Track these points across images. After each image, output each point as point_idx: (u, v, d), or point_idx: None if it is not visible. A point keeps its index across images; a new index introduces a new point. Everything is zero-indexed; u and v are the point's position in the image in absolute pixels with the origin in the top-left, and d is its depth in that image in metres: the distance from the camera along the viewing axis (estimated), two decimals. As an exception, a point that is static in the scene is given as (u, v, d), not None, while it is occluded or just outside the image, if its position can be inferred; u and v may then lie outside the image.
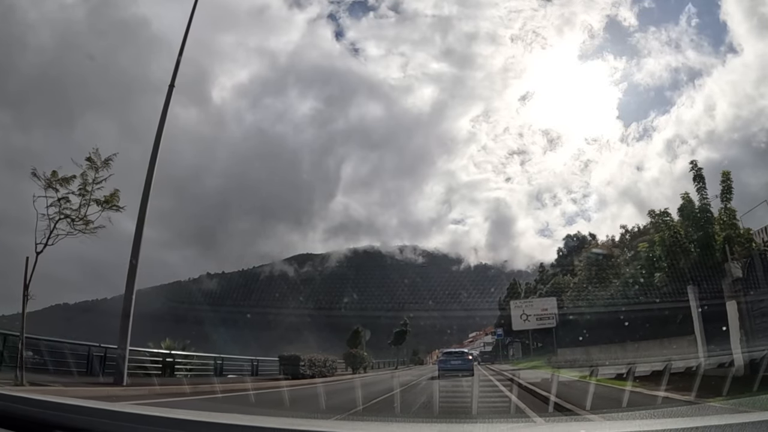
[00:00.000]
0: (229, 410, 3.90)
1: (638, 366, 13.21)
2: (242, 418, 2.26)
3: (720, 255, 12.53)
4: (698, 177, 14.67)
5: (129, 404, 3.33)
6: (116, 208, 9.89)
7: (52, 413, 1.93)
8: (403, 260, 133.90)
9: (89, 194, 9.63)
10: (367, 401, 10.10)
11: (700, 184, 14.56)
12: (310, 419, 3.14)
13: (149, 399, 8.98)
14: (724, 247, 12.41)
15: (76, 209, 9.55)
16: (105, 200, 9.80)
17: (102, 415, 1.95)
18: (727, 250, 12.19)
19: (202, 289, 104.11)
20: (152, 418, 1.96)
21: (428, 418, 8.13)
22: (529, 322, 34.77)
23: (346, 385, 17.49)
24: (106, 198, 9.82)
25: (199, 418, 1.99)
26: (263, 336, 61.13)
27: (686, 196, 14.40)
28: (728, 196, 14.16)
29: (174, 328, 54.85)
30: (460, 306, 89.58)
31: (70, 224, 9.52)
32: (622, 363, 15.50)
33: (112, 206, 9.86)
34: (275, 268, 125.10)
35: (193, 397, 10.40)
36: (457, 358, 23.89)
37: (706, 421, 2.00)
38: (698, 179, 14.62)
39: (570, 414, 7.64)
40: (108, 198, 9.84)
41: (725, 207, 14.05)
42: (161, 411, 2.13)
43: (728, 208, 14.04)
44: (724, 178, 14.32)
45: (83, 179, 9.66)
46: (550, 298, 37.11)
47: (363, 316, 62.33)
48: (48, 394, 7.02)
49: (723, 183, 14.27)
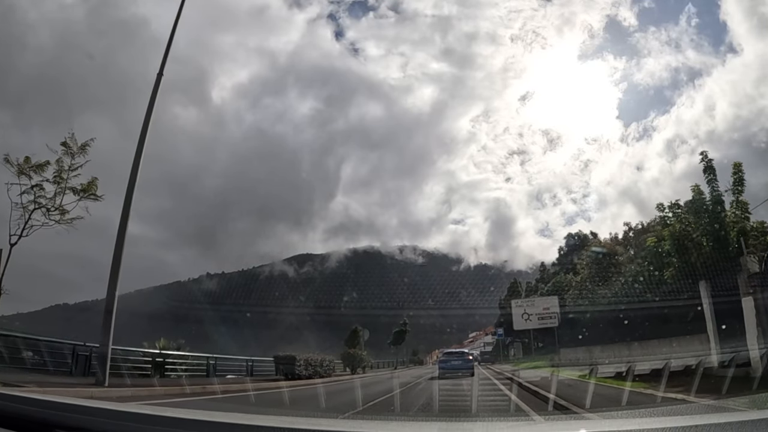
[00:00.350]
0: (222, 410, 3.66)
1: (646, 365, 12.73)
2: (242, 417, 2.24)
3: (735, 249, 11.94)
4: (709, 168, 14.08)
5: (130, 404, 3.41)
6: (94, 197, 9.28)
7: (53, 413, 1.92)
8: (403, 260, 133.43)
9: (65, 182, 9.02)
10: (365, 403, 9.88)
11: (711, 175, 13.96)
12: (310, 418, 3.03)
13: (127, 401, 8.43)
14: (738, 241, 11.81)
15: (51, 198, 8.92)
16: (82, 188, 9.19)
17: (103, 414, 1.95)
18: (742, 243, 11.59)
19: (202, 290, 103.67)
20: (154, 417, 1.96)
21: (428, 417, 8.05)
22: (530, 322, 33.82)
23: (343, 386, 17.00)
24: (83, 186, 9.21)
25: (201, 417, 1.99)
26: (263, 336, 60.70)
27: (696, 188, 13.81)
28: (740, 189, 13.58)
29: (173, 328, 54.44)
30: (460, 306, 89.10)
31: (45, 214, 8.91)
32: (627, 362, 14.96)
33: (90, 195, 9.25)
34: (275, 268, 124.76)
35: (177, 399, 9.83)
36: (457, 358, 23.81)
37: (705, 419, 1.98)
38: (708, 171, 14.03)
39: (569, 413, 7.58)
40: (85, 186, 9.23)
41: (737, 199, 13.47)
42: (163, 410, 2.13)
43: (740, 200, 13.46)
44: (736, 170, 13.73)
45: (58, 166, 9.06)
46: (551, 297, 36.06)
47: (363, 316, 61.93)
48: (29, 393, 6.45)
49: (734, 175, 13.69)
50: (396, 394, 12.11)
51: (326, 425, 2.41)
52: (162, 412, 2.06)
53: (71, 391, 8.77)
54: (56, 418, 1.87)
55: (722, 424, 1.73)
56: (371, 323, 50.41)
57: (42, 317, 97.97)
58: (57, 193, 9.08)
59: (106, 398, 8.25)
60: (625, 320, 19.30)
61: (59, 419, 1.86)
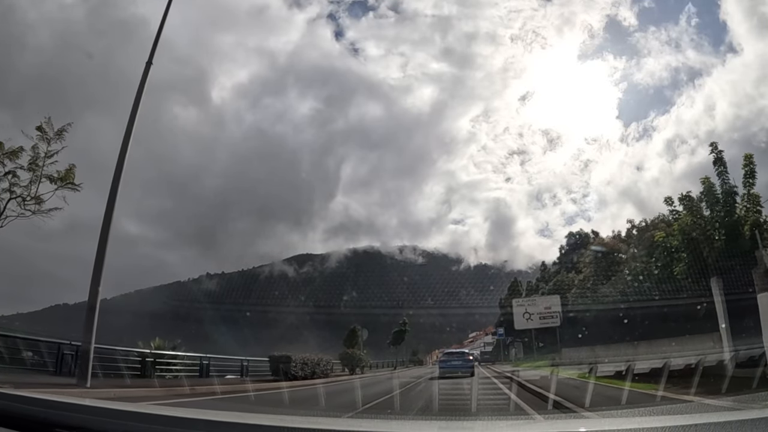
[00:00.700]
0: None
1: (645, 364, 12.23)
2: (241, 416, 2.22)
3: (748, 243, 11.41)
4: (719, 161, 13.58)
5: (130, 403, 3.38)
6: (72, 186, 8.74)
7: (53, 412, 1.92)
8: (402, 260, 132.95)
9: (40, 169, 8.50)
10: (364, 404, 9.76)
11: (721, 167, 13.45)
12: (310, 417, 2.89)
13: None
14: (753, 234, 11.28)
15: (26, 186, 8.39)
16: (59, 177, 8.66)
17: (103, 413, 1.94)
18: (757, 236, 11.05)
19: (202, 290, 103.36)
20: (153, 416, 1.97)
21: (428, 416, 8.01)
22: (532, 321, 33.06)
23: (341, 387, 16.57)
24: (60, 174, 8.68)
25: (202, 416, 1.98)
26: (263, 335, 60.42)
27: (707, 180, 13.28)
28: (751, 181, 13.05)
29: (173, 327, 54.03)
30: (460, 306, 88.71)
31: (20, 204, 8.39)
32: (631, 361, 14.46)
33: (68, 184, 8.72)
34: (275, 269, 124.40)
35: (157, 401, 9.30)
36: (457, 358, 23.91)
37: (705, 418, 1.96)
38: (719, 163, 13.52)
39: (569, 412, 7.55)
40: (62, 174, 8.70)
41: (748, 192, 12.94)
42: (162, 410, 2.13)
43: (752, 194, 12.93)
44: (747, 162, 13.20)
45: (34, 152, 8.52)
46: (553, 296, 35.65)
47: (363, 316, 61.53)
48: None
49: (745, 167, 13.15)
50: (395, 395, 11.89)
51: (327, 424, 2.35)
52: (162, 411, 2.08)
53: (47, 392, 8.26)
54: (57, 417, 1.87)
55: (722, 423, 1.71)
56: (371, 323, 49.98)
57: (42, 317, 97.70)
58: (32, 182, 8.55)
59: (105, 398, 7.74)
60: (626, 319, 18.80)
61: (60, 418, 1.86)
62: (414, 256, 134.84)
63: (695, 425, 1.70)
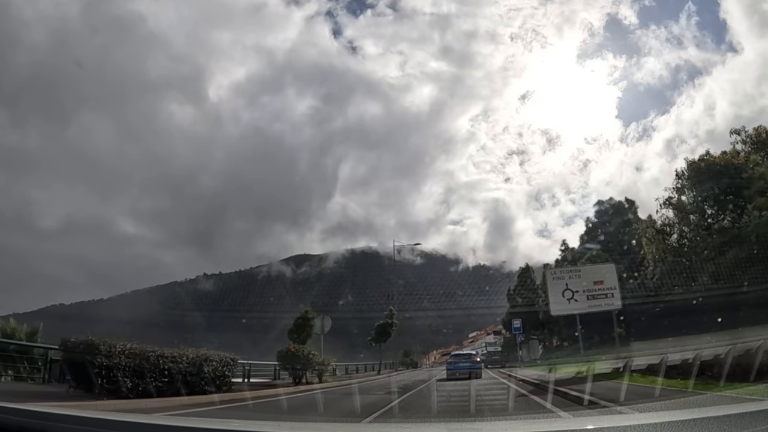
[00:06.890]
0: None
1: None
2: (247, 424, 2.30)
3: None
4: None
5: (130, 414, 3.42)
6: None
7: (52, 424, 1.92)
8: (401, 261, 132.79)
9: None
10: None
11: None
12: (311, 422, 3.05)
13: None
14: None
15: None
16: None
17: (100, 424, 1.95)
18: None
19: (198, 290, 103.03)
20: (155, 426, 1.97)
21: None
22: (576, 302, 19.76)
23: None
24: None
25: (197, 425, 2.00)
26: (258, 338, 60.01)
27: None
28: None
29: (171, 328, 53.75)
30: (458, 306, 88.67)
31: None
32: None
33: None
34: (273, 269, 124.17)
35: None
36: (465, 360, 24.22)
37: (704, 412, 1.98)
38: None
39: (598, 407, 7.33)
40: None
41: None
42: (159, 419, 2.17)
43: None
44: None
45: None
46: (605, 264, 23.76)
47: (361, 317, 61.19)
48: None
49: None
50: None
51: (328, 428, 2.53)
52: (158, 420, 2.08)
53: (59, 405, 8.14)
54: (56, 429, 1.89)
55: (721, 417, 1.72)
56: (370, 324, 49.55)
57: (37, 318, 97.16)
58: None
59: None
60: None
61: (60, 429, 1.89)
62: (412, 256, 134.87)
63: (694, 419, 1.67)
